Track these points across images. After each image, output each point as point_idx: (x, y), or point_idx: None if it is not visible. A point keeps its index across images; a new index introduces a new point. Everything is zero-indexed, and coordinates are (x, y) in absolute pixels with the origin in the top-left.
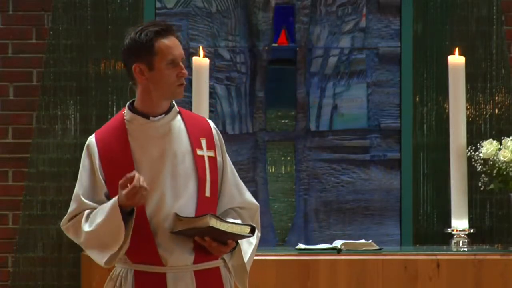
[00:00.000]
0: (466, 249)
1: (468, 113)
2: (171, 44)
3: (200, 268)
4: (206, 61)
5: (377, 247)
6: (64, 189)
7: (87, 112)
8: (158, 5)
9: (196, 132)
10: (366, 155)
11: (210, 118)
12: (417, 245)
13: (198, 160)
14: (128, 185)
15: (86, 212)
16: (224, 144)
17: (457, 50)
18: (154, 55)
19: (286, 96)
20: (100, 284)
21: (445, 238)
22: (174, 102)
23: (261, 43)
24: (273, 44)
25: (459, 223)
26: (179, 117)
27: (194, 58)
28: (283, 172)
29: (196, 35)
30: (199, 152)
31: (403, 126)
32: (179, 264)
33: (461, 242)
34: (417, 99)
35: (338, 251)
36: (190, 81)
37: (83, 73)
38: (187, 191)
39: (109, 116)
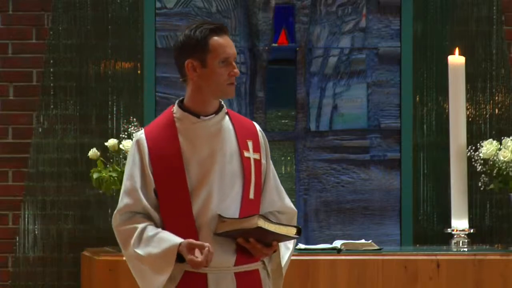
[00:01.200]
0: (466, 249)
1: (468, 113)
2: (225, 42)
3: (241, 270)
4: None
5: (377, 247)
6: (64, 189)
7: (87, 112)
8: (158, 5)
9: (244, 133)
10: (366, 155)
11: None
12: (417, 245)
13: (245, 162)
14: (197, 251)
15: (141, 227)
16: (268, 148)
17: (457, 50)
18: (207, 52)
19: (286, 96)
20: (100, 284)
21: (445, 238)
22: (223, 102)
23: (261, 43)
24: (273, 44)
25: (459, 223)
26: (227, 117)
27: None
28: (283, 172)
29: None
30: (246, 154)
31: (403, 126)
32: (221, 265)
33: (461, 242)
34: (417, 99)
35: (338, 251)
36: None
37: (83, 73)
38: (232, 192)
39: (109, 116)
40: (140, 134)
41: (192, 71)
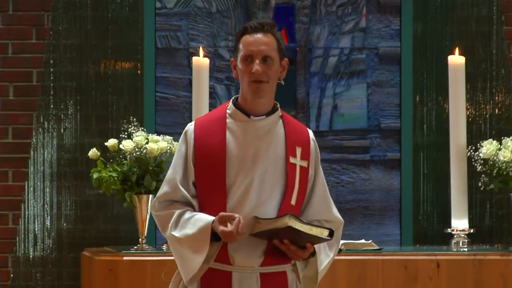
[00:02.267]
0: (466, 249)
1: (468, 113)
2: (251, 40)
3: (267, 271)
4: (206, 61)
5: (377, 247)
6: (64, 189)
7: (87, 112)
8: (158, 5)
9: (294, 139)
10: (366, 155)
11: None
12: (417, 245)
13: (289, 168)
14: (228, 224)
15: (178, 212)
16: (319, 157)
17: (457, 50)
18: (238, 51)
19: (286, 96)
20: (100, 284)
21: (445, 238)
22: (278, 105)
23: None
24: None
25: (459, 223)
26: (280, 121)
27: (194, 58)
28: None
29: (196, 35)
30: (291, 160)
31: (403, 126)
32: (246, 265)
33: (461, 242)
34: (417, 99)
35: (338, 251)
36: (190, 81)
37: (83, 73)
38: (272, 196)
39: (109, 116)
40: (190, 125)
41: (233, 69)
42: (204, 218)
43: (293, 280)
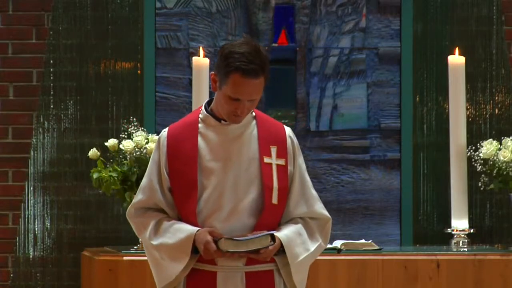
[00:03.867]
0: (466, 249)
1: (468, 113)
2: (243, 86)
3: (252, 270)
4: (206, 61)
5: (377, 247)
6: (64, 189)
7: (87, 112)
8: (158, 5)
9: (268, 139)
10: (366, 155)
11: None
12: (417, 245)
13: (264, 168)
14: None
15: (155, 220)
16: (298, 153)
17: (457, 50)
18: (225, 82)
19: (286, 96)
20: (100, 284)
21: (445, 238)
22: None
23: (261, 43)
24: (273, 44)
25: (459, 223)
26: (254, 122)
27: (194, 58)
28: None
29: (196, 35)
30: (266, 160)
31: (403, 126)
32: (230, 264)
33: (461, 242)
34: (417, 99)
35: (338, 251)
36: (190, 81)
37: (83, 73)
38: (248, 199)
39: (109, 116)
40: (163, 132)
41: (213, 82)
42: (186, 229)
43: (280, 279)
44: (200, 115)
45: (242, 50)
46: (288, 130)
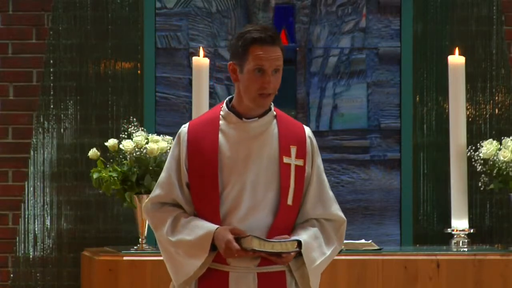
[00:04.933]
0: (466, 249)
1: (468, 113)
2: (263, 53)
3: (264, 271)
4: (206, 61)
5: (377, 247)
6: (64, 189)
7: (87, 112)
8: (158, 5)
9: (288, 139)
10: (366, 155)
11: None
12: (417, 245)
13: (282, 168)
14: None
15: (173, 216)
16: (317, 154)
17: (457, 50)
18: (246, 59)
19: (286, 96)
20: (100, 284)
21: (445, 238)
22: (272, 106)
23: None
24: None
25: (459, 223)
26: (274, 121)
27: (194, 58)
28: None
29: (196, 35)
30: (285, 160)
31: (403, 126)
32: (242, 264)
33: (461, 242)
34: (417, 99)
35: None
36: (190, 81)
37: (83, 73)
38: (266, 198)
39: (109, 116)
40: (184, 127)
41: (232, 73)
42: (205, 226)
43: (291, 280)
44: (221, 112)
45: (252, 27)
46: (307, 131)
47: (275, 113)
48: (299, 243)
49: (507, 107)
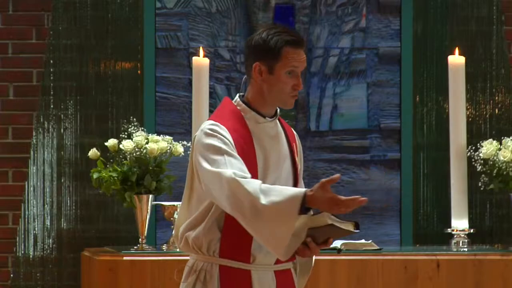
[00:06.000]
0: (466, 249)
1: (468, 113)
2: (297, 55)
3: (279, 269)
4: (206, 61)
5: (377, 247)
6: (64, 189)
7: (87, 112)
8: (158, 5)
9: (290, 137)
10: (366, 155)
11: (209, 118)
12: (417, 245)
13: (295, 165)
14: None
15: (260, 181)
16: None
17: (457, 50)
18: (278, 60)
19: None
20: (100, 284)
21: (445, 238)
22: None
23: None
24: None
25: (459, 223)
26: (276, 120)
27: (194, 58)
28: None
29: (196, 35)
30: (296, 159)
31: (403, 126)
32: (265, 263)
33: (461, 242)
34: (417, 99)
35: (338, 251)
36: (190, 81)
37: (83, 73)
38: None
39: (109, 116)
40: (218, 124)
41: (258, 74)
42: (292, 188)
43: (295, 276)
44: (243, 113)
45: (278, 29)
46: (294, 131)
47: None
48: (357, 224)
49: (507, 107)
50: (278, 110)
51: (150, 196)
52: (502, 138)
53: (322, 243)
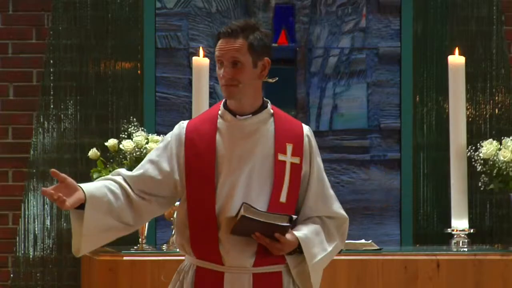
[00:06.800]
0: (466, 249)
1: (468, 113)
2: (221, 45)
3: (260, 272)
4: (206, 61)
5: (377, 247)
6: None
7: (87, 112)
8: (158, 5)
9: (284, 136)
10: (366, 155)
11: None
12: (417, 245)
13: (277, 165)
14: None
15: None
16: (316, 152)
17: (457, 50)
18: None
19: (286, 96)
20: (100, 284)
21: (445, 238)
22: (269, 104)
23: None
24: (273, 44)
25: (459, 223)
26: (271, 119)
27: (194, 58)
28: None
29: (196, 35)
30: (280, 157)
31: (403, 126)
32: (237, 265)
33: (461, 242)
34: (417, 99)
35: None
36: (190, 81)
37: (83, 73)
38: (260, 195)
39: (109, 116)
40: (182, 123)
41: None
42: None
43: (289, 281)
44: (219, 111)
45: (260, 24)
46: (306, 129)
47: (272, 111)
48: (291, 218)
49: (507, 107)
50: (268, 108)
51: None
52: (502, 138)
53: (273, 240)
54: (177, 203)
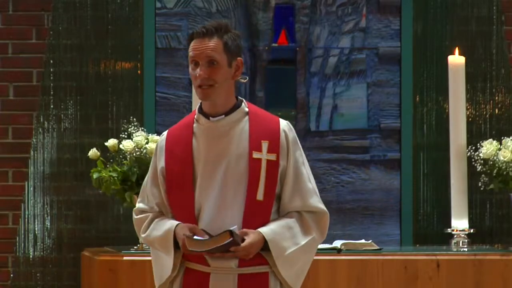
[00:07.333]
0: (466, 249)
1: (468, 113)
2: (195, 45)
3: (246, 272)
4: None
5: (377, 247)
6: (64, 189)
7: (87, 112)
8: (158, 5)
9: (259, 134)
10: (366, 155)
11: None
12: (417, 245)
13: (251, 163)
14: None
15: (151, 216)
16: (294, 147)
17: (457, 50)
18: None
19: (286, 96)
20: (100, 284)
21: (445, 238)
22: (244, 103)
23: (261, 43)
24: (273, 44)
25: (459, 223)
26: (246, 117)
27: None
28: None
29: None
30: (255, 155)
31: (403, 126)
32: (222, 266)
33: (461, 242)
34: (417, 99)
35: (338, 251)
36: (190, 81)
37: (83, 73)
38: (237, 195)
39: (109, 116)
40: (163, 134)
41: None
42: (169, 222)
43: (276, 282)
44: (195, 116)
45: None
46: (283, 124)
47: (247, 109)
48: (231, 232)
49: (507, 107)
50: (243, 106)
51: None
52: (502, 138)
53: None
54: None
